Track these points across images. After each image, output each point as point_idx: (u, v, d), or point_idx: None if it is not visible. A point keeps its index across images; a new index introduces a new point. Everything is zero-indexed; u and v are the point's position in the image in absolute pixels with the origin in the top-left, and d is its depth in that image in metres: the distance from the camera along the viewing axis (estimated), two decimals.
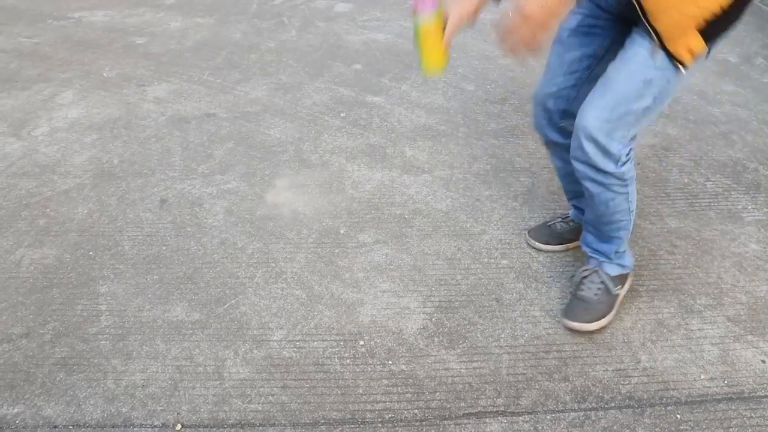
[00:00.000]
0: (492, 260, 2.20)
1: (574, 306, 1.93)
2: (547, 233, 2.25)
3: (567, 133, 1.91)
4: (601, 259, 1.96)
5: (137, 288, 2.11)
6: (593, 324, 1.90)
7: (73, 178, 2.70)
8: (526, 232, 2.29)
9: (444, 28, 1.68)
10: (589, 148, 1.65)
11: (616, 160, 1.67)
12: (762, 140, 2.88)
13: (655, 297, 2.03)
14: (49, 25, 4.47)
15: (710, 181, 2.60)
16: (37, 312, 2.01)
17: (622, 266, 1.97)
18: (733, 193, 2.54)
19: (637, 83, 1.59)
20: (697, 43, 1.53)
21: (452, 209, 2.45)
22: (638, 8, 1.52)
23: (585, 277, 1.97)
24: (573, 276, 2.02)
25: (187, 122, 3.10)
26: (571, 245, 2.23)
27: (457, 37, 4.19)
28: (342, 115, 3.13)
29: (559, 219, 2.27)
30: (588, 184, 1.76)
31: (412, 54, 3.81)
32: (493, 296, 2.05)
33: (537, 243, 2.24)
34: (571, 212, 2.27)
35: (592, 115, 1.63)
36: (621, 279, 1.98)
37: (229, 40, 4.09)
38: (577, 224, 2.23)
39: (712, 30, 1.51)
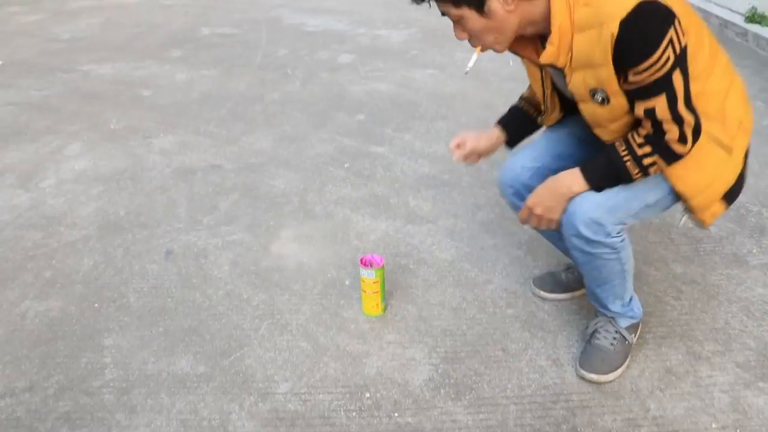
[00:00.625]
0: (497, 310, 2.19)
1: (591, 355, 1.91)
2: (552, 282, 2.24)
3: None
4: (609, 315, 1.95)
5: (142, 340, 2.10)
6: (610, 375, 1.89)
7: (80, 229, 2.72)
8: (531, 280, 2.29)
9: (383, 285, 2.13)
10: (582, 220, 1.67)
11: (606, 233, 1.68)
12: (764, 183, 2.89)
13: (663, 344, 2.01)
14: (59, 78, 4.56)
15: (714, 225, 2.60)
16: (41, 365, 2.01)
17: (633, 317, 1.96)
18: (737, 236, 2.54)
19: (647, 181, 1.68)
20: (720, 208, 1.74)
21: (457, 259, 2.46)
22: (679, 195, 1.69)
23: (600, 326, 1.95)
24: (587, 327, 2.02)
25: (192, 173, 3.13)
26: (577, 293, 2.22)
27: (458, 86, 4.23)
28: (346, 165, 3.16)
29: (564, 268, 2.27)
30: (576, 254, 1.78)
31: (415, 104, 3.86)
32: (499, 346, 2.03)
33: (542, 292, 2.24)
34: None
35: (600, 197, 1.67)
36: (634, 328, 1.97)
37: (234, 91, 4.15)
38: None
39: (732, 196, 1.75)
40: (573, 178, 1.67)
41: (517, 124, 2.05)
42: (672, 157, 1.60)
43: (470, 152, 2.02)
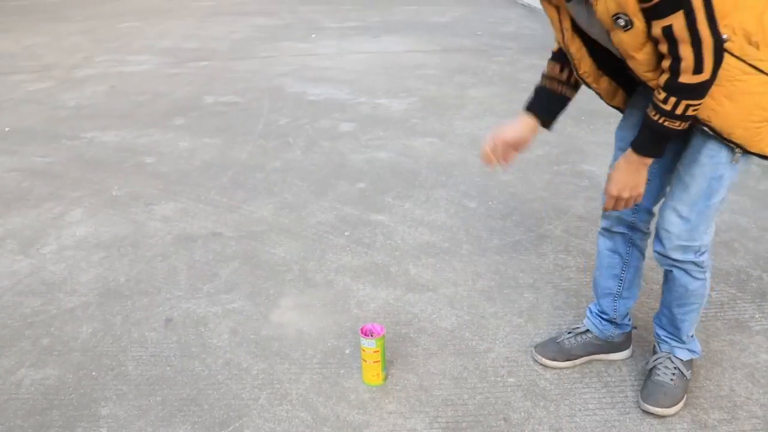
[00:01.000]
0: (499, 378, 2.18)
1: (653, 391, 1.98)
2: (554, 349, 2.23)
3: (634, 227, 2.03)
4: (674, 343, 2.03)
5: (140, 410, 2.07)
6: (673, 408, 1.96)
7: (79, 296, 2.71)
8: (533, 348, 2.27)
9: (384, 354, 2.13)
10: (671, 247, 1.80)
11: (695, 251, 1.82)
12: (764, 247, 2.90)
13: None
14: (63, 144, 4.62)
15: (715, 290, 2.60)
16: None
17: (692, 351, 2.03)
18: (738, 302, 2.54)
19: (710, 180, 1.75)
20: None
21: (457, 327, 2.45)
22: (710, 130, 1.68)
23: (659, 362, 2.03)
24: (646, 363, 2.09)
25: (193, 241, 3.15)
26: (578, 361, 2.21)
27: (457, 154, 4.28)
28: (346, 233, 3.18)
29: (569, 334, 2.25)
30: (669, 269, 1.90)
31: (415, 172, 3.90)
32: (501, 416, 2.01)
33: (544, 359, 2.22)
34: (585, 321, 2.25)
35: (674, 217, 1.79)
36: (690, 363, 2.04)
37: (235, 159, 4.20)
38: (589, 338, 2.22)
39: None
40: (638, 158, 1.71)
41: (546, 103, 1.99)
42: (698, 91, 1.56)
43: (504, 151, 1.97)
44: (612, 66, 1.83)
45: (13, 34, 9.05)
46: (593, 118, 4.52)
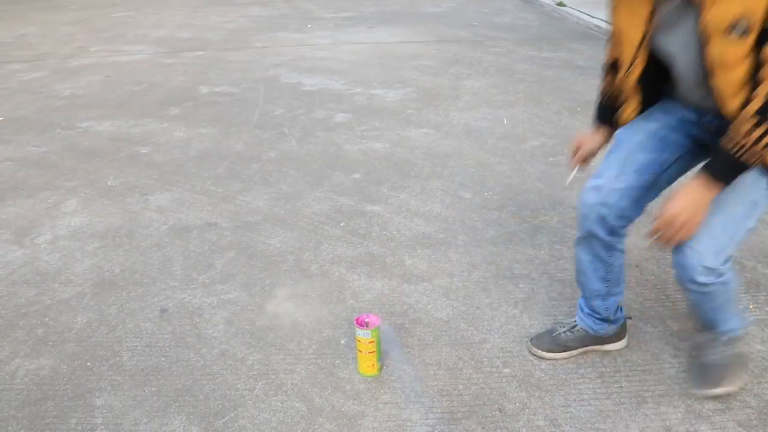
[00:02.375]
0: (494, 369, 2.18)
1: (709, 372, 1.98)
2: (550, 341, 2.23)
3: (614, 233, 1.99)
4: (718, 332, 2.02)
5: (134, 400, 2.07)
6: (732, 386, 1.99)
7: (74, 286, 2.71)
8: (529, 339, 2.28)
9: (379, 345, 2.12)
10: (695, 268, 1.73)
11: (719, 275, 1.76)
12: (758, 238, 2.90)
13: (662, 402, 1.99)
14: (57, 134, 4.60)
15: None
16: (29, 426, 1.97)
17: (742, 326, 2.03)
18: None
19: (745, 205, 1.74)
20: None
21: (452, 318, 2.45)
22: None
23: (707, 341, 2.03)
24: (692, 341, 2.08)
25: (188, 231, 3.14)
26: (574, 352, 2.21)
27: (453, 145, 4.27)
28: (342, 224, 3.17)
29: (564, 328, 2.25)
30: (690, 295, 1.86)
31: (410, 163, 3.90)
32: (496, 406, 2.01)
33: (540, 351, 2.22)
34: (577, 319, 2.25)
35: (708, 242, 1.72)
36: (741, 337, 2.05)
37: (231, 150, 4.19)
38: (583, 332, 2.22)
39: None
40: (706, 183, 1.67)
41: (612, 115, 2.05)
42: None
43: (587, 156, 2.09)
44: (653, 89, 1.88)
45: (5, 23, 9.00)
46: (589, 109, 4.51)
